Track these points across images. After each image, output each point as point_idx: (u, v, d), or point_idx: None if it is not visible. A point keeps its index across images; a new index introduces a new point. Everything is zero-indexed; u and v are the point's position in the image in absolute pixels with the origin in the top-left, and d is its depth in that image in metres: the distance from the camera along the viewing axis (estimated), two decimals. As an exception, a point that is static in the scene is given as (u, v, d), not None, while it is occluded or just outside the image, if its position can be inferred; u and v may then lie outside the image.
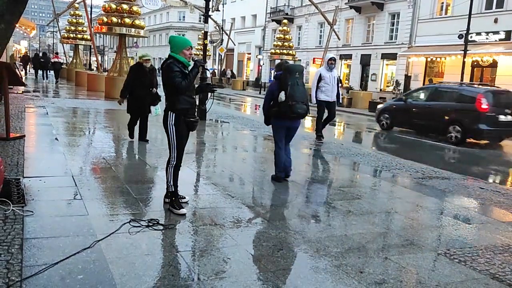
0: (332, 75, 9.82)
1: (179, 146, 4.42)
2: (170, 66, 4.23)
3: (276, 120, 5.86)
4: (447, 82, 16.82)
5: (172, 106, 4.32)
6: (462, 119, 11.82)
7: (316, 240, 3.91)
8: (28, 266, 2.99)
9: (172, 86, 4.24)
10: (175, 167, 4.46)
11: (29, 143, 7.27)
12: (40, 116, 10.91)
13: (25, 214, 3.93)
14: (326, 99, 9.87)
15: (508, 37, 22.01)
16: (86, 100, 16.59)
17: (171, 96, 4.33)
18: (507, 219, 5.04)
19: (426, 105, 13.01)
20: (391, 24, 29.60)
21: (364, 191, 5.85)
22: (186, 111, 4.35)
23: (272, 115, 5.84)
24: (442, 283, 3.25)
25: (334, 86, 9.85)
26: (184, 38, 4.49)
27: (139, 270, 3.08)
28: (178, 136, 4.37)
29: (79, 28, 29.23)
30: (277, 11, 41.29)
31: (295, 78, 5.60)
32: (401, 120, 13.94)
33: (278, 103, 5.63)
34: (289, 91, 5.52)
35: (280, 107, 5.62)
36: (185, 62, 4.33)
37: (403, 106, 13.76)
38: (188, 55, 4.36)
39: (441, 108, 12.46)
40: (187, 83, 4.22)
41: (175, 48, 4.33)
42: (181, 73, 4.23)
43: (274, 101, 5.73)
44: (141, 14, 19.04)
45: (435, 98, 13.02)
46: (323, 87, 9.78)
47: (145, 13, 61.23)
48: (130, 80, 8.00)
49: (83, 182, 5.20)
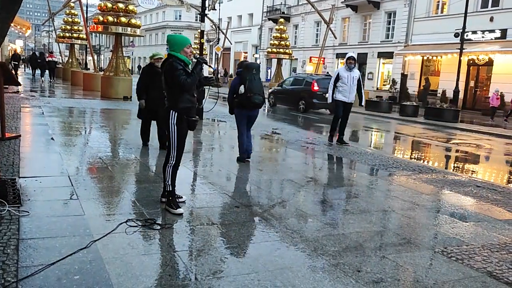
0: (351, 75, 9.36)
1: (180, 146, 4.37)
2: (173, 65, 4.17)
3: (238, 110, 6.82)
4: (301, 73, 27.65)
5: (174, 105, 4.26)
6: (305, 96, 18.37)
7: (313, 239, 3.90)
8: (24, 267, 2.97)
9: (177, 85, 4.17)
10: (174, 166, 4.40)
11: (25, 143, 7.23)
12: (36, 116, 10.86)
13: (21, 214, 3.90)
14: (342, 99, 9.45)
15: (503, 36, 22.10)
16: (82, 99, 16.53)
17: (174, 95, 4.26)
18: (503, 217, 5.05)
19: (289, 89, 19.92)
20: (387, 22, 29.66)
21: (361, 190, 5.86)
22: (188, 110, 4.31)
23: (235, 105, 6.80)
24: (439, 281, 3.26)
25: (353, 87, 9.40)
26: (183, 36, 4.44)
27: (136, 270, 3.07)
28: (179, 135, 4.32)
29: (74, 27, 29.10)
30: (274, 10, 41.30)
31: (252, 74, 6.57)
32: (279, 99, 20.60)
33: (239, 95, 6.57)
34: (247, 85, 6.49)
35: (240, 99, 6.59)
36: (186, 60, 4.28)
37: (280, 90, 20.65)
38: (189, 53, 4.32)
39: (296, 90, 19.22)
40: (192, 81, 4.18)
41: (176, 46, 4.27)
42: (184, 71, 4.18)
43: (236, 93, 6.66)
44: (137, 13, 18.97)
45: (294, 84, 19.91)
46: (340, 87, 9.40)
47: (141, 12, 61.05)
48: (142, 81, 7.50)
49: (80, 182, 5.18)
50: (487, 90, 23.25)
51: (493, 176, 8.29)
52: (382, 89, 29.87)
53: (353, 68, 9.42)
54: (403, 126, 16.02)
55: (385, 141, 13.25)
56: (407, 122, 17.41)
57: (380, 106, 21.00)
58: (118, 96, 17.33)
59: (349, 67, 9.36)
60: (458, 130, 15.64)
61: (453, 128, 15.99)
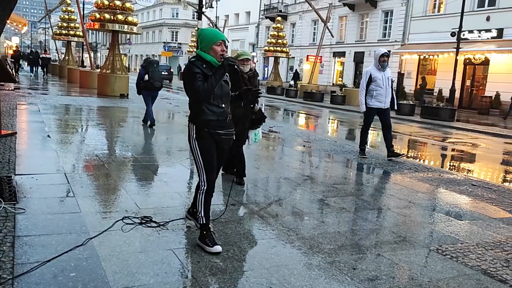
0: (385, 75, 7.81)
1: (207, 166, 3.50)
2: (189, 67, 3.37)
3: (144, 91, 9.83)
4: None
5: (192, 117, 3.47)
6: None
7: (309, 237, 3.92)
8: (20, 264, 2.96)
9: (192, 92, 3.38)
10: (206, 193, 3.53)
11: (21, 140, 7.21)
12: (32, 113, 10.83)
13: (16, 211, 3.90)
14: (378, 105, 7.79)
15: (500, 35, 22.18)
16: (78, 97, 16.48)
17: (193, 104, 3.47)
18: (498, 216, 5.08)
19: None
20: (384, 21, 29.72)
21: (357, 188, 5.88)
22: (209, 123, 3.41)
23: (142, 88, 9.75)
24: (434, 279, 3.28)
25: (388, 89, 7.83)
26: (214, 30, 3.51)
27: (132, 267, 3.07)
28: (202, 154, 3.48)
29: (71, 24, 28.98)
30: (271, 8, 41.29)
31: (153, 66, 9.72)
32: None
33: (144, 81, 9.62)
34: (150, 74, 9.59)
35: (145, 84, 9.63)
36: (214, 62, 3.36)
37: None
38: (219, 52, 3.36)
39: None
40: (209, 87, 3.27)
41: (203, 44, 3.40)
42: (203, 75, 3.31)
43: (142, 80, 9.63)
44: (134, 10, 18.91)
45: None
46: (374, 91, 7.74)
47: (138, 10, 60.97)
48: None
49: (76, 179, 5.17)
50: (483, 89, 23.35)
51: (489, 175, 8.33)
52: (379, 88, 29.90)
53: (387, 66, 7.90)
54: (399, 125, 16.06)
55: (381, 139, 13.27)
56: (404, 121, 17.45)
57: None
58: (115, 93, 17.31)
59: (382, 66, 7.77)
60: (454, 129, 15.69)
61: (449, 127, 16.04)
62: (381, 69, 7.77)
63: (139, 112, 13.32)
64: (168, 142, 8.68)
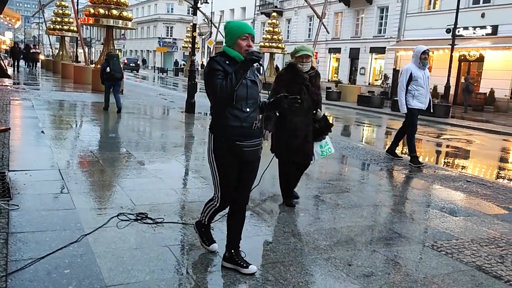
0: (426, 75, 7.26)
1: (223, 182, 3.04)
2: (209, 63, 2.94)
3: (106, 81, 11.11)
4: None
5: (212, 123, 3.03)
6: None
7: (305, 234, 3.92)
8: (14, 261, 2.94)
9: (210, 91, 2.92)
10: (217, 210, 3.24)
11: (15, 136, 7.15)
12: (26, 109, 10.74)
13: (10, 208, 3.87)
14: (420, 106, 7.28)
15: (495, 32, 22.25)
16: (72, 92, 16.37)
17: (214, 108, 3.00)
18: (492, 212, 5.11)
19: None
20: (380, 18, 29.72)
21: (352, 185, 5.89)
22: (231, 131, 2.91)
23: (104, 79, 11.06)
24: (429, 275, 3.29)
25: (428, 89, 7.37)
26: (242, 22, 3.08)
27: (127, 264, 3.06)
28: (219, 168, 3.01)
29: (65, 19, 28.70)
30: (266, 3, 41.16)
31: (114, 60, 11.07)
32: None
33: (106, 73, 10.92)
34: (111, 66, 10.86)
35: (107, 75, 10.92)
36: (239, 58, 2.93)
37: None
38: (244, 47, 2.94)
39: None
40: (230, 85, 2.81)
41: (228, 37, 3.00)
42: (224, 73, 2.87)
43: (104, 72, 10.97)
44: (128, 5, 18.78)
45: None
46: (415, 91, 7.17)
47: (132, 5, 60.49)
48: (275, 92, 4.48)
49: (70, 175, 5.14)
50: (478, 86, 23.43)
51: (483, 171, 8.38)
52: (374, 84, 29.96)
53: (427, 65, 7.35)
54: (394, 121, 16.09)
55: (376, 136, 13.31)
56: (399, 117, 17.48)
57: (372, 101, 21.08)
58: (109, 89, 17.18)
59: (423, 64, 7.20)
60: (449, 126, 15.76)
61: (444, 124, 16.11)
62: (421, 67, 7.21)
63: (134, 107, 13.27)
64: (163, 138, 8.65)
